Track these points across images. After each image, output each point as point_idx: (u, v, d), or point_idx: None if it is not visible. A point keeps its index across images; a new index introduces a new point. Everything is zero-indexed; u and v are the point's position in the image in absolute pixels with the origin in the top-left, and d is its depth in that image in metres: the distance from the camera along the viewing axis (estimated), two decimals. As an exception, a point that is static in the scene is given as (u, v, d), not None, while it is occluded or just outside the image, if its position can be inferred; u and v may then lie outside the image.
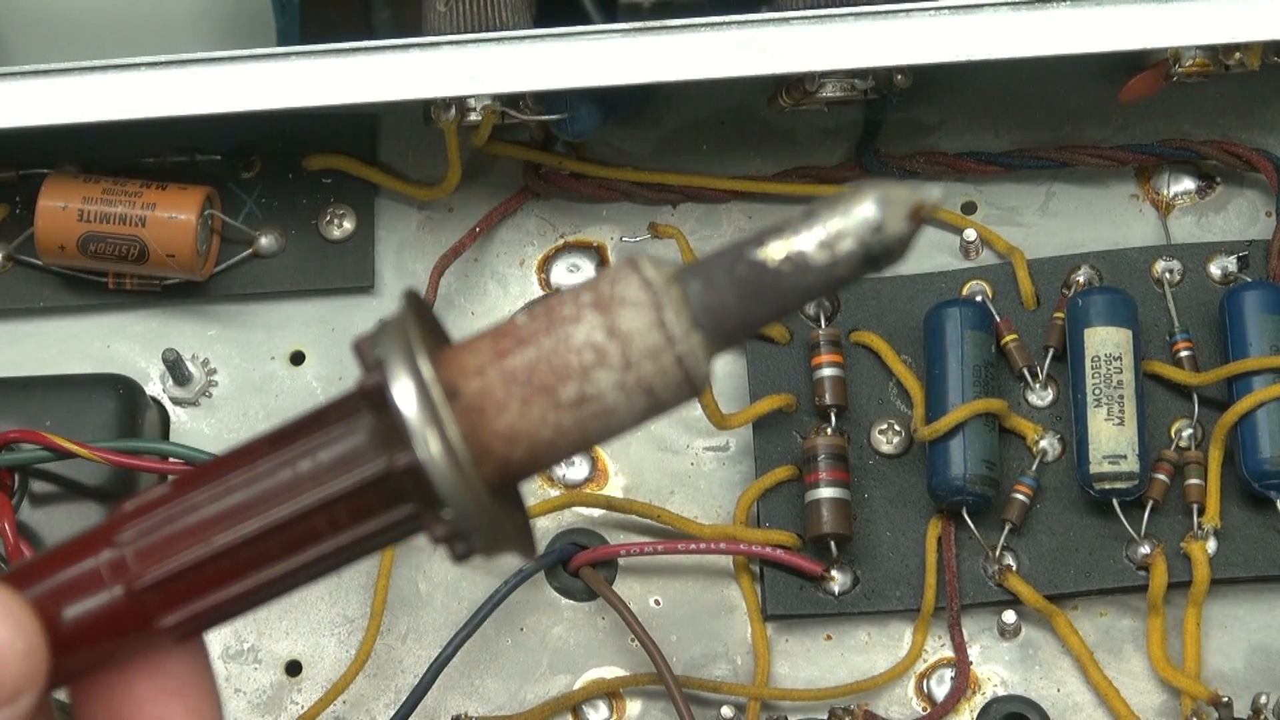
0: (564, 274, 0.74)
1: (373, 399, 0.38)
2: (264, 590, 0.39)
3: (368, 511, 0.38)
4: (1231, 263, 0.71)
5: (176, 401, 0.72)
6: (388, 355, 0.38)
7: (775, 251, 0.39)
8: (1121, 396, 0.67)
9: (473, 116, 0.70)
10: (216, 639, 0.69)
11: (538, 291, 0.74)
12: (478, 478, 0.38)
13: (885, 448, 0.70)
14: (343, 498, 0.38)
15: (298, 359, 0.73)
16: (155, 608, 0.38)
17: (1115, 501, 0.67)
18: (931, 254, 0.73)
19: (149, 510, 0.39)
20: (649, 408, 0.39)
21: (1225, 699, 0.65)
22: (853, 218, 0.38)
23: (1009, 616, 0.68)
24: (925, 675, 0.68)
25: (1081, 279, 0.71)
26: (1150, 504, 0.67)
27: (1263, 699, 0.65)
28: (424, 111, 0.70)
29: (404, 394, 0.38)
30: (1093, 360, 0.67)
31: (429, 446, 0.37)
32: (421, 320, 0.40)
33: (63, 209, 0.71)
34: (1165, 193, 0.74)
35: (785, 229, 0.39)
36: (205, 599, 0.39)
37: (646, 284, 0.39)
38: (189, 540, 0.38)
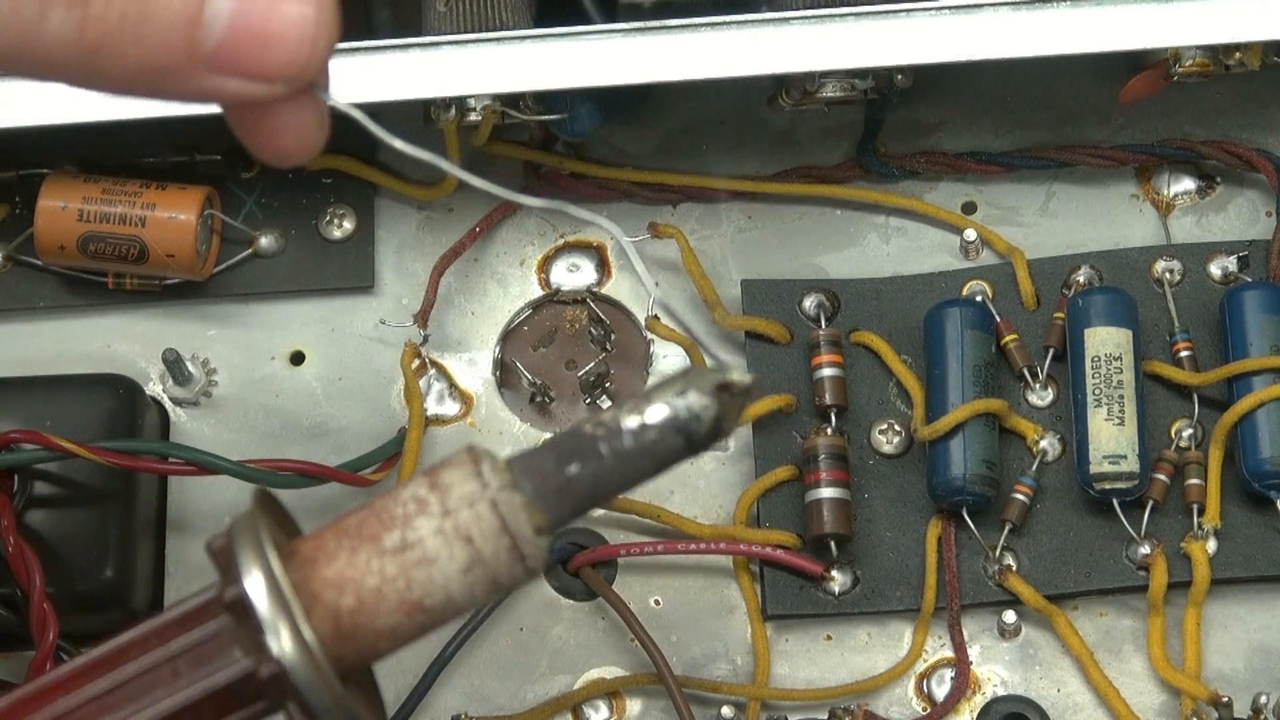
0: (564, 274, 0.74)
1: (234, 611, 0.42)
2: None
3: (231, 708, 0.42)
4: (1231, 263, 0.71)
5: (176, 401, 0.72)
6: (242, 559, 0.42)
7: (593, 421, 0.43)
8: (1121, 396, 0.67)
9: (473, 116, 0.70)
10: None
11: (538, 292, 0.74)
12: (325, 658, 0.41)
13: (885, 448, 0.70)
14: (210, 696, 0.42)
15: (298, 359, 0.73)
16: None
17: (1115, 501, 0.67)
18: (931, 254, 0.73)
19: (19, 713, 0.41)
20: (470, 560, 0.42)
21: (1225, 699, 0.65)
22: (663, 388, 0.43)
23: (1009, 616, 0.68)
24: (925, 675, 0.68)
25: (1081, 279, 0.71)
26: (1150, 504, 0.67)
27: (1263, 699, 0.65)
28: (424, 111, 0.70)
29: (257, 592, 0.41)
30: (1093, 360, 0.67)
31: (283, 645, 0.41)
32: (271, 515, 0.44)
33: (63, 209, 0.71)
34: (1165, 193, 0.74)
35: (611, 407, 0.43)
36: None
37: (470, 448, 0.43)
38: None
